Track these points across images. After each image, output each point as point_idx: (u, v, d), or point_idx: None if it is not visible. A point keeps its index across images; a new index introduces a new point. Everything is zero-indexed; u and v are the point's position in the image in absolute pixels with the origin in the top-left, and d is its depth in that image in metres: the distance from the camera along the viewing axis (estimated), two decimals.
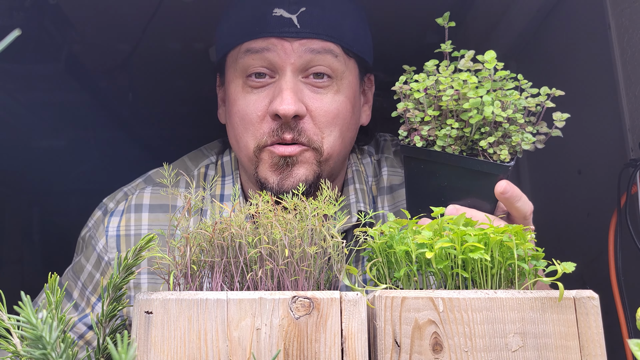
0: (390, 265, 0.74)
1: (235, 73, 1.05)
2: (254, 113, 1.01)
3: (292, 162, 1.01)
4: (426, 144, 0.85)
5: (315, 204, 0.71)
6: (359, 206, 1.12)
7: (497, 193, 0.83)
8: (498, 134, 0.81)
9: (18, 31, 0.62)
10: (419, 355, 0.64)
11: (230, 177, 1.15)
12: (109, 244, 1.09)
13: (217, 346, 0.62)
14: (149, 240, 0.71)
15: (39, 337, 0.56)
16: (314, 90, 1.02)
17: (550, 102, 0.84)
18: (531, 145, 0.82)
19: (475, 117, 0.80)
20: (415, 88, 0.84)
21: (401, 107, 0.86)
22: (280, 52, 1.00)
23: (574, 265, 0.70)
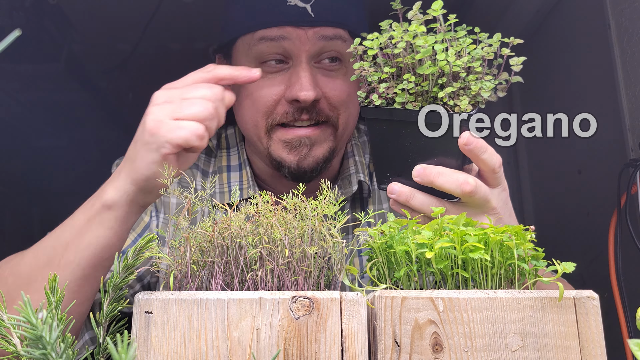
0: (390, 265, 0.74)
1: (248, 57, 1.07)
2: (269, 96, 1.04)
3: (311, 143, 1.05)
4: (386, 103, 0.83)
5: (315, 204, 0.72)
6: (359, 176, 1.16)
7: (460, 145, 0.80)
8: (457, 85, 0.80)
9: (18, 31, 0.63)
10: (419, 355, 0.64)
11: (235, 149, 1.19)
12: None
13: (217, 346, 0.62)
14: (149, 240, 0.71)
15: (39, 337, 0.56)
16: (326, 74, 1.06)
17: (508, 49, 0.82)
18: (491, 92, 0.80)
19: (430, 68, 0.79)
20: (369, 45, 0.83)
21: (357, 67, 0.85)
22: (295, 41, 1.03)
23: (574, 265, 0.70)
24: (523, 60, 0.81)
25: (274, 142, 1.06)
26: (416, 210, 0.83)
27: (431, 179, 0.81)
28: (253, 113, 1.06)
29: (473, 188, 0.80)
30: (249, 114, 1.07)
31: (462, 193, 0.80)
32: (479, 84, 0.80)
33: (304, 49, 1.04)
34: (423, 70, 0.80)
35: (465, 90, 0.81)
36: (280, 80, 1.05)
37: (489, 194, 0.82)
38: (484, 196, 0.82)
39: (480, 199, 0.81)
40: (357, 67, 0.85)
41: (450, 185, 0.80)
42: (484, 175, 0.84)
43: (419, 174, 0.82)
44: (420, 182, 0.82)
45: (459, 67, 0.79)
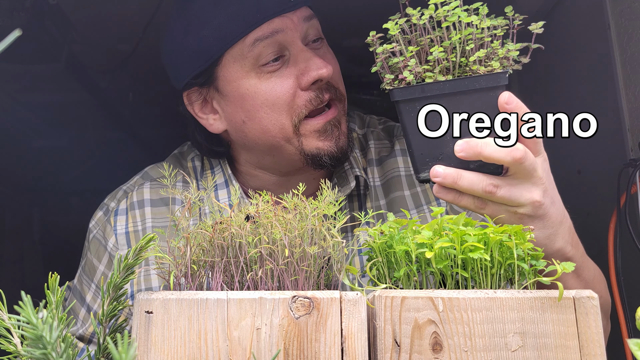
0: (390, 265, 0.74)
1: (245, 68, 1.04)
2: (285, 93, 1.03)
3: (337, 121, 1.06)
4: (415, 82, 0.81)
5: (315, 204, 0.72)
6: (355, 172, 1.14)
7: (502, 104, 0.77)
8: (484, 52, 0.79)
9: (19, 31, 0.63)
10: (418, 355, 0.64)
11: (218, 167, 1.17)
12: (119, 241, 1.11)
13: (217, 346, 0.62)
14: (149, 240, 0.71)
15: (39, 337, 0.56)
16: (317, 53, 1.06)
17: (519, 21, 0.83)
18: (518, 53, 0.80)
19: (457, 35, 0.79)
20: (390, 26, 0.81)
21: (381, 50, 0.82)
22: (285, 30, 1.03)
23: (573, 265, 0.70)
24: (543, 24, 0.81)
25: (305, 137, 1.04)
26: (465, 190, 0.79)
27: (478, 150, 0.77)
28: (275, 118, 1.03)
29: (523, 154, 0.77)
30: (270, 121, 1.04)
31: (513, 160, 0.77)
32: (505, 48, 0.79)
33: (296, 34, 1.04)
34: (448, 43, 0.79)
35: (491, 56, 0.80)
36: (288, 74, 1.03)
37: (534, 162, 0.79)
38: (532, 164, 0.79)
39: (529, 166, 0.78)
40: (380, 51, 0.82)
41: (499, 154, 0.77)
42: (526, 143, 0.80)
43: (462, 148, 0.77)
44: (466, 157, 0.78)
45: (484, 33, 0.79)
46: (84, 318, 1.11)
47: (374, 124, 1.25)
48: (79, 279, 1.15)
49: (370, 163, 1.18)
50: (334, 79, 1.06)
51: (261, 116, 1.05)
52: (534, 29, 0.81)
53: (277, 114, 1.03)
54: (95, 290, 1.12)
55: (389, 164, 1.16)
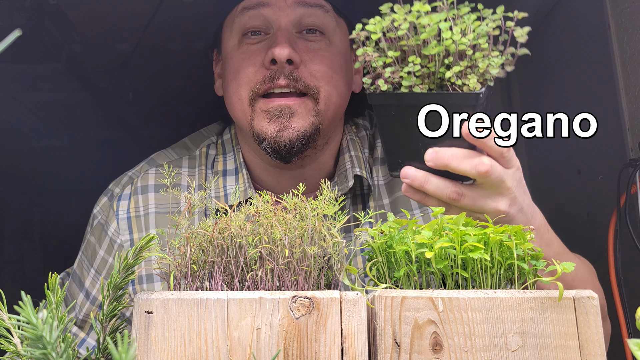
0: (390, 265, 0.74)
1: (232, 34, 1.08)
2: (250, 65, 1.04)
3: (290, 113, 1.03)
4: (392, 88, 0.81)
5: (315, 204, 0.72)
6: (355, 171, 1.13)
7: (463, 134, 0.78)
8: (464, 64, 0.78)
9: (19, 31, 0.63)
10: (418, 355, 0.64)
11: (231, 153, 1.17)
12: (121, 227, 1.11)
13: (217, 346, 0.63)
14: (149, 240, 0.71)
15: (39, 337, 0.56)
16: (307, 44, 1.06)
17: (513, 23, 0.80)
18: (499, 69, 0.78)
19: (436, 48, 0.77)
20: (372, 30, 0.81)
21: (360, 53, 0.82)
22: (274, 7, 1.05)
23: (573, 265, 0.70)
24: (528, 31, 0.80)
25: (256, 114, 1.04)
26: (431, 194, 0.81)
27: (445, 161, 0.79)
28: (236, 87, 1.06)
29: (488, 168, 0.78)
30: (234, 90, 1.07)
31: (478, 174, 0.78)
32: (486, 61, 0.78)
33: (283, 14, 1.04)
34: (428, 50, 0.77)
35: (472, 68, 0.79)
36: (261, 49, 1.05)
37: (503, 174, 0.80)
38: (499, 176, 0.80)
39: (495, 179, 0.79)
40: (360, 53, 0.83)
41: (464, 167, 0.78)
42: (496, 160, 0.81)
43: (431, 157, 0.79)
44: (434, 166, 0.80)
45: (464, 45, 0.77)
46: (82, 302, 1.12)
47: None
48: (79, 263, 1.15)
49: (376, 162, 1.18)
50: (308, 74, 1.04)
51: (229, 85, 1.08)
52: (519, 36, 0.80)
53: (238, 85, 1.05)
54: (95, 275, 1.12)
55: None
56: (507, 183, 0.81)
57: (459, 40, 0.76)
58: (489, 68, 0.78)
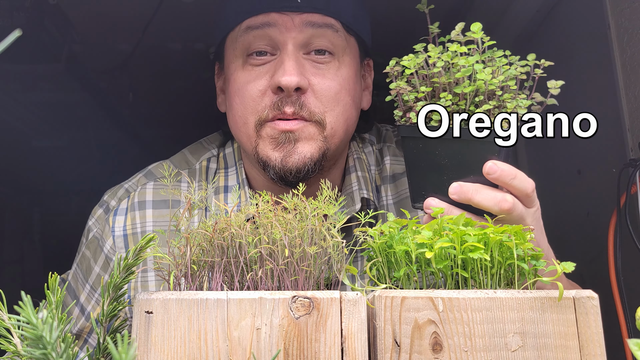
0: (390, 265, 0.74)
1: (235, 52, 1.03)
2: (255, 89, 1.00)
3: (295, 138, 0.99)
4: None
5: (315, 204, 0.72)
6: (362, 193, 1.10)
7: (485, 174, 0.79)
8: (492, 103, 0.80)
9: (19, 31, 0.63)
10: (418, 355, 0.64)
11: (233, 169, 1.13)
12: (117, 245, 1.08)
13: (217, 346, 0.63)
14: (149, 240, 0.71)
15: (39, 337, 0.56)
16: (315, 66, 1.01)
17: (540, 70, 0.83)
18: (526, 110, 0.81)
19: (469, 87, 0.80)
20: (407, 65, 0.84)
21: (394, 87, 0.85)
22: (281, 28, 0.99)
23: (573, 265, 0.70)
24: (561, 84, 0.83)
25: (262, 139, 1.00)
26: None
27: (469, 196, 0.80)
28: (242, 110, 1.02)
29: (511, 206, 0.79)
30: (239, 112, 1.03)
31: (500, 210, 0.79)
32: (514, 102, 0.80)
33: (290, 36, 0.99)
34: (461, 89, 0.81)
35: (500, 108, 0.82)
36: (266, 71, 1.00)
37: (524, 212, 0.82)
38: (520, 214, 0.81)
39: (517, 216, 0.80)
40: (393, 87, 0.85)
41: (488, 203, 0.79)
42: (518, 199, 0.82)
43: (455, 191, 0.80)
44: (457, 200, 0.81)
45: (495, 85, 0.80)
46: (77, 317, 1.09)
47: (389, 137, 1.20)
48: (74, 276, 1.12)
49: (384, 180, 1.15)
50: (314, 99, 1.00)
51: (233, 107, 1.04)
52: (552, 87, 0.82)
53: (244, 108, 1.01)
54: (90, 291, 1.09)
55: (403, 182, 1.14)
56: (527, 221, 0.82)
57: (489, 80, 0.79)
58: (517, 109, 0.80)
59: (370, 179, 1.14)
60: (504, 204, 0.79)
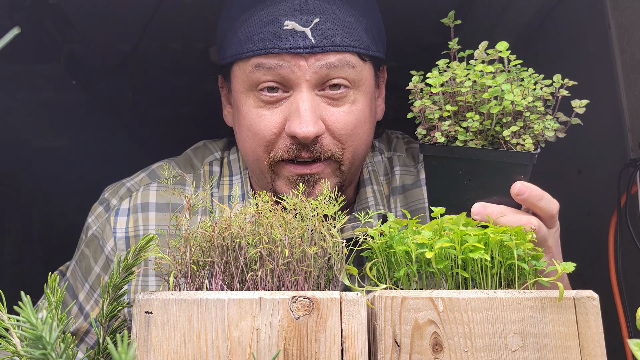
0: (390, 265, 0.74)
1: (245, 85, 0.99)
2: (269, 130, 0.96)
3: (314, 180, 0.97)
4: (446, 141, 0.83)
5: (315, 204, 0.71)
6: (379, 209, 1.08)
7: (513, 195, 0.79)
8: (519, 124, 0.80)
9: (17, 29, 0.63)
10: (418, 355, 0.64)
11: (238, 177, 1.10)
12: (118, 247, 1.07)
13: (217, 346, 0.62)
14: (149, 240, 0.71)
15: (39, 337, 0.56)
16: (330, 103, 0.97)
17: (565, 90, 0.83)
18: (553, 132, 0.81)
19: (495, 108, 0.79)
20: (432, 84, 0.83)
21: (418, 105, 0.84)
22: (295, 69, 0.94)
23: (573, 265, 0.70)
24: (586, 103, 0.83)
25: (278, 178, 0.98)
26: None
27: (494, 218, 0.79)
28: (254, 147, 0.98)
29: (537, 228, 0.79)
30: (250, 147, 0.99)
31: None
32: (541, 124, 0.81)
33: (304, 78, 0.94)
34: (486, 108, 0.80)
35: (525, 129, 0.81)
36: (280, 112, 0.96)
37: (547, 234, 0.82)
38: (543, 236, 0.81)
39: (540, 239, 0.80)
40: (418, 105, 0.84)
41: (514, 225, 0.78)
42: (543, 221, 0.82)
43: (478, 212, 0.79)
44: (480, 220, 0.80)
45: (521, 106, 0.79)
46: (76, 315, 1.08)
47: (400, 147, 1.17)
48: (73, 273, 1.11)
49: (393, 191, 1.13)
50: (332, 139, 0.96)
51: (244, 138, 1.01)
52: (576, 107, 0.82)
53: (257, 145, 0.98)
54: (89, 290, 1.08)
55: (413, 194, 1.12)
56: (549, 242, 0.82)
57: (517, 101, 0.79)
58: (544, 131, 0.80)
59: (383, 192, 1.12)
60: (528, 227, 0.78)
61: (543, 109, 0.82)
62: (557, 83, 0.83)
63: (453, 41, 0.85)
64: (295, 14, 0.95)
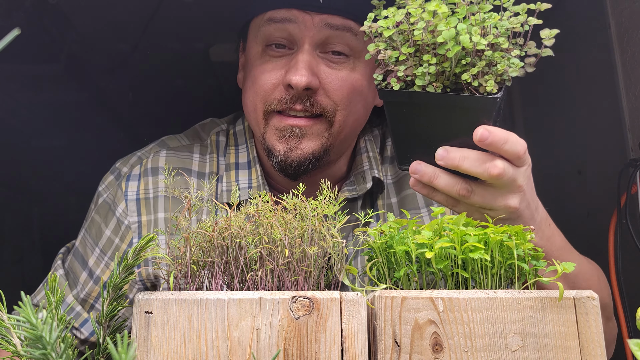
0: (390, 265, 0.74)
1: (256, 40, 1.07)
2: (268, 80, 1.03)
3: (301, 134, 1.03)
4: (405, 85, 0.78)
5: (315, 204, 0.71)
6: (373, 173, 1.13)
7: (476, 142, 0.76)
8: (482, 64, 0.74)
9: (17, 30, 0.63)
10: (419, 355, 0.64)
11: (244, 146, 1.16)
12: (129, 208, 1.11)
13: (217, 346, 0.62)
14: (149, 240, 0.71)
15: (39, 337, 0.56)
16: (329, 65, 1.03)
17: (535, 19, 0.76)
18: (520, 70, 0.75)
19: (453, 49, 0.73)
20: (385, 25, 0.77)
21: (372, 48, 0.80)
22: (300, 25, 1.02)
23: (573, 265, 0.70)
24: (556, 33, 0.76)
25: (269, 128, 1.04)
26: (440, 190, 0.81)
27: (456, 163, 0.78)
28: (253, 96, 1.06)
29: (501, 171, 0.77)
30: (250, 98, 1.07)
31: (490, 177, 0.78)
32: (505, 62, 0.74)
33: (308, 34, 1.02)
34: (443, 50, 0.74)
35: (489, 67, 0.75)
36: (282, 65, 1.03)
37: (515, 173, 0.80)
38: (511, 177, 0.79)
39: (507, 180, 0.79)
40: (372, 49, 0.80)
41: (476, 170, 0.78)
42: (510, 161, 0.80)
43: (442, 157, 0.79)
44: (444, 166, 0.79)
45: (483, 45, 0.73)
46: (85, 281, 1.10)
47: None
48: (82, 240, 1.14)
49: (385, 160, 1.19)
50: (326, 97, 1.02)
51: (247, 90, 1.08)
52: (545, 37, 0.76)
53: (255, 94, 1.05)
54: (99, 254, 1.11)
55: None
56: (518, 182, 0.80)
57: (477, 41, 0.73)
58: (509, 70, 0.74)
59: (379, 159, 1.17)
60: (493, 169, 0.77)
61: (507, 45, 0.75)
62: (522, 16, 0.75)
63: None
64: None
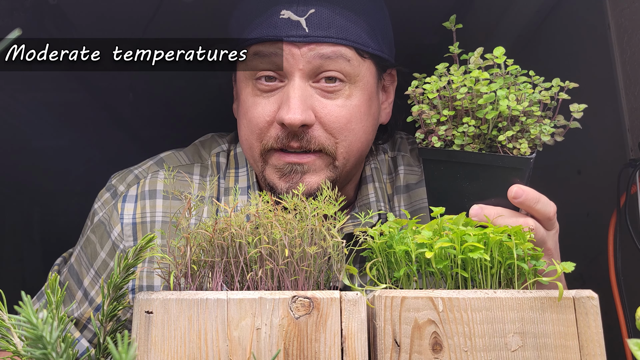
0: (390, 265, 0.74)
1: (245, 74, 1.01)
2: (262, 118, 0.98)
3: (303, 170, 0.98)
4: (444, 144, 0.84)
5: (315, 204, 0.72)
6: (379, 205, 1.09)
7: (510, 198, 0.80)
8: (516, 128, 0.81)
9: (18, 31, 0.63)
10: (418, 355, 0.64)
11: (244, 169, 1.12)
12: (125, 232, 1.07)
13: (217, 346, 0.63)
14: (149, 240, 0.71)
15: (39, 337, 0.56)
16: (324, 95, 0.97)
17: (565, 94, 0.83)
18: (549, 137, 0.81)
19: (490, 113, 0.80)
20: (428, 89, 0.83)
21: (416, 110, 0.85)
22: (288, 58, 0.96)
23: (573, 265, 0.70)
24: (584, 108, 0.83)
25: (268, 166, 1.00)
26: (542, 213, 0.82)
27: (491, 219, 0.79)
28: (248, 134, 1.01)
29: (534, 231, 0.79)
30: (245, 135, 1.02)
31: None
32: (538, 128, 0.81)
33: (297, 67, 0.96)
34: (483, 114, 0.81)
35: (523, 133, 0.82)
36: (274, 100, 0.98)
37: (545, 236, 0.82)
38: (542, 239, 0.81)
39: (538, 240, 0.81)
40: (416, 110, 0.85)
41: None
42: (540, 223, 0.83)
43: (476, 213, 0.80)
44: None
45: (518, 111, 0.80)
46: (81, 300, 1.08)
47: (404, 147, 1.18)
48: (78, 259, 1.11)
49: (397, 190, 1.14)
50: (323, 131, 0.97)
51: (241, 126, 1.04)
52: (574, 111, 0.82)
53: (250, 132, 1.00)
54: (94, 276, 1.08)
55: (417, 193, 1.12)
56: (548, 245, 0.83)
57: (513, 106, 0.79)
58: (540, 135, 0.81)
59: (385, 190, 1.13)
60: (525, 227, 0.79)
61: (540, 113, 0.82)
62: (555, 87, 0.83)
63: (454, 45, 0.85)
64: (292, 4, 0.97)
